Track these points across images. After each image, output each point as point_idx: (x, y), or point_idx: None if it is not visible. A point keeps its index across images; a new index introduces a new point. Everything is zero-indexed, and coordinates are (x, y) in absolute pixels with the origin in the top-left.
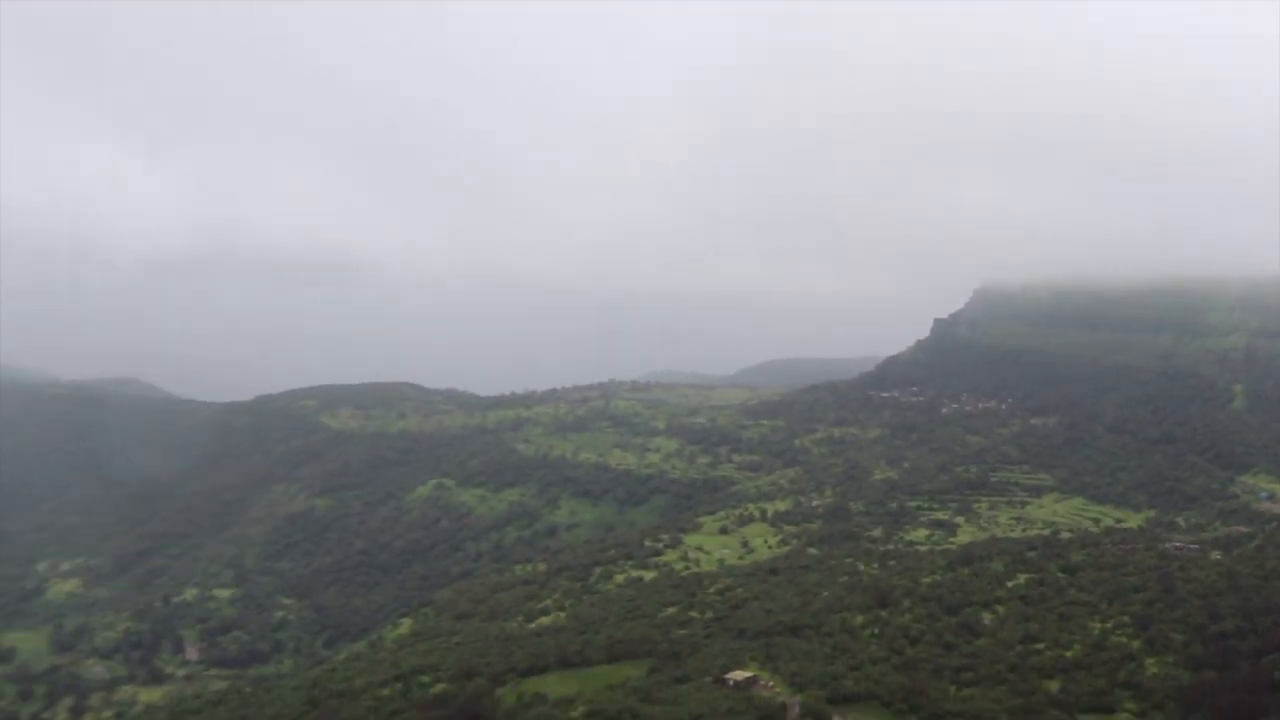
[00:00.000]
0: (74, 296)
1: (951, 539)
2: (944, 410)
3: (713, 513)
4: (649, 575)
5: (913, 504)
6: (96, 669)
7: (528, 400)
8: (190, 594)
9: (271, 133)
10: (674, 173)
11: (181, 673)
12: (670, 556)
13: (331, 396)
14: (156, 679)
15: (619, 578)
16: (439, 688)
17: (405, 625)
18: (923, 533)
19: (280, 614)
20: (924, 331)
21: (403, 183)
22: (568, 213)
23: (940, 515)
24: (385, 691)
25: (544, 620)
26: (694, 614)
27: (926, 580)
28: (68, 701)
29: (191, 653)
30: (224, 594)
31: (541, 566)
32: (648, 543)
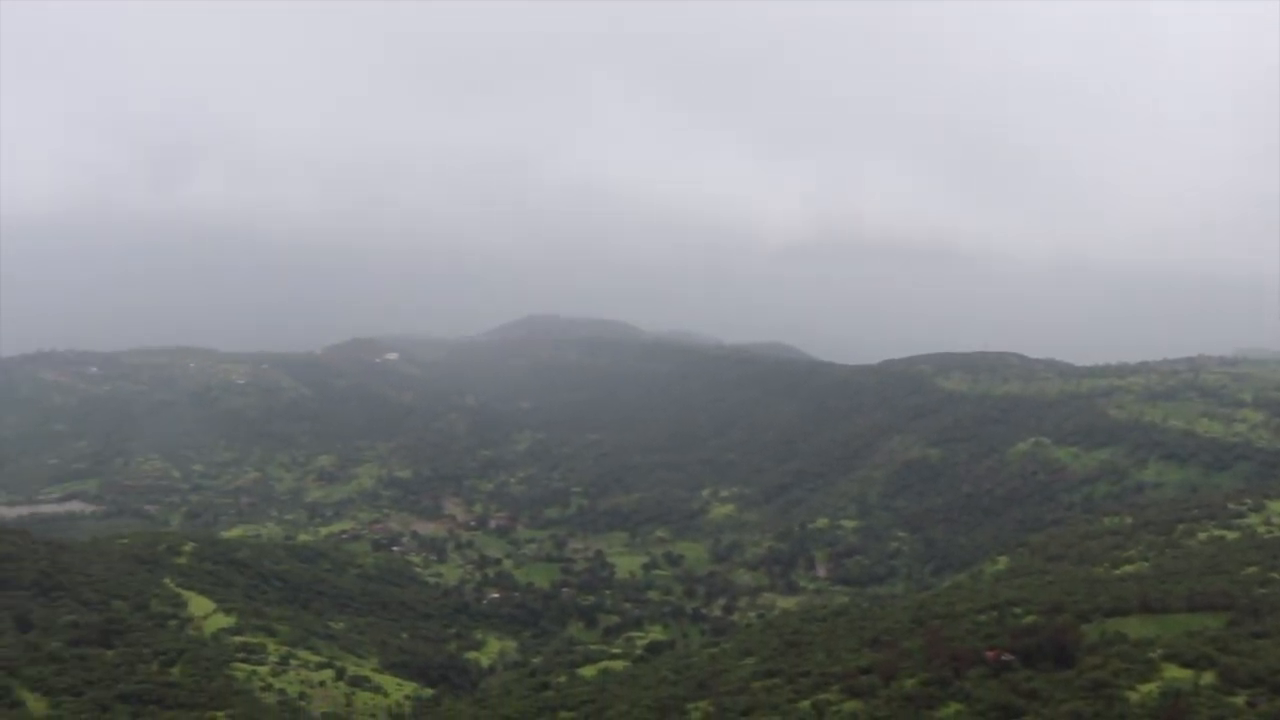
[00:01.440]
0: (730, 278)
1: None
2: None
3: None
4: (1231, 535)
5: None
6: (744, 577)
7: (1120, 371)
8: (822, 522)
9: (879, 137)
10: (1236, 157)
11: (812, 586)
12: (1253, 520)
13: (944, 362)
14: (791, 589)
15: (1201, 535)
16: (1029, 619)
17: (1002, 562)
18: None
19: (895, 544)
20: None
21: (991, 178)
22: (1141, 200)
23: None
24: (982, 618)
25: (1127, 568)
26: (1274, 575)
27: None
28: (721, 601)
29: (821, 571)
30: (849, 524)
31: (1128, 519)
32: (1231, 505)
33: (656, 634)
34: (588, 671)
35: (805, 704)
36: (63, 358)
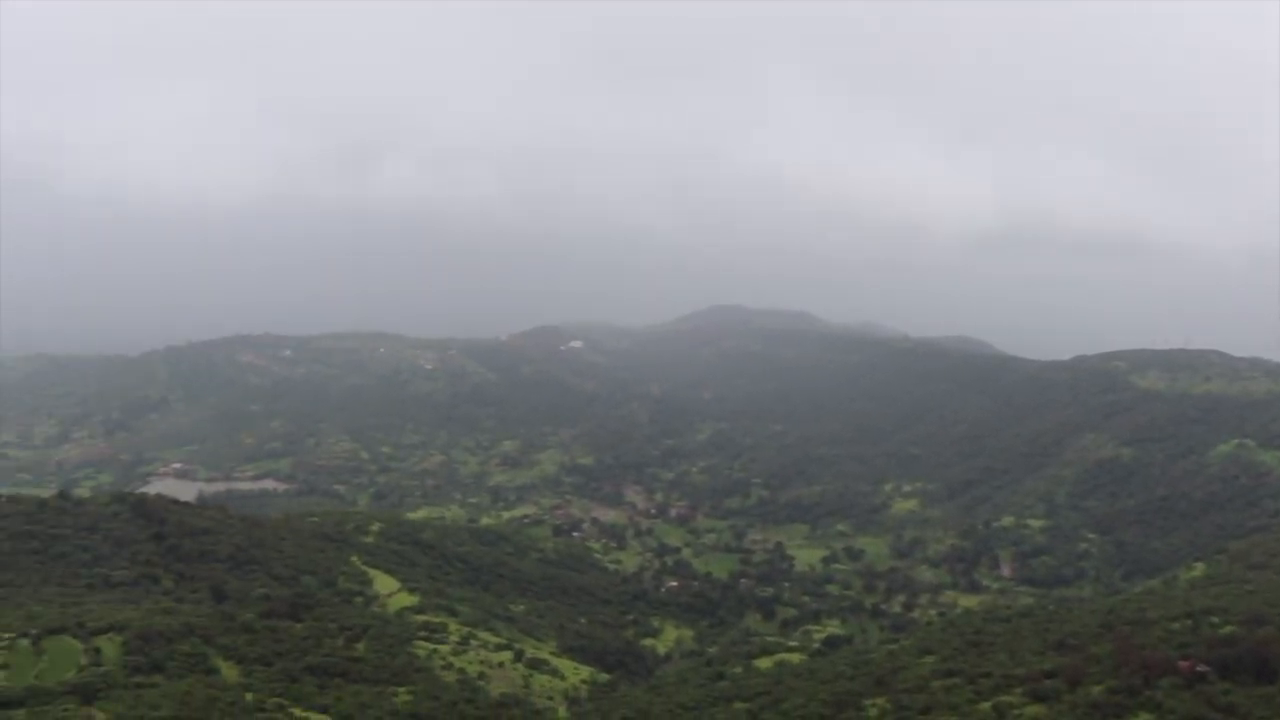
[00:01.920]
0: (915, 270)
1: None
2: None
3: None
4: None
5: None
6: (926, 574)
7: None
8: (1007, 521)
9: (1067, 125)
10: None
11: (995, 586)
12: None
13: (1140, 359)
14: (974, 588)
15: None
16: (1227, 629)
17: (1199, 569)
18: None
19: (1084, 545)
20: None
21: (1188, 167)
22: None
23: None
24: (1175, 626)
25: None
26: None
27: None
28: (901, 598)
29: (1005, 570)
30: (1036, 524)
31: None
32: None
33: (834, 628)
34: (764, 663)
35: (986, 706)
36: (259, 341)
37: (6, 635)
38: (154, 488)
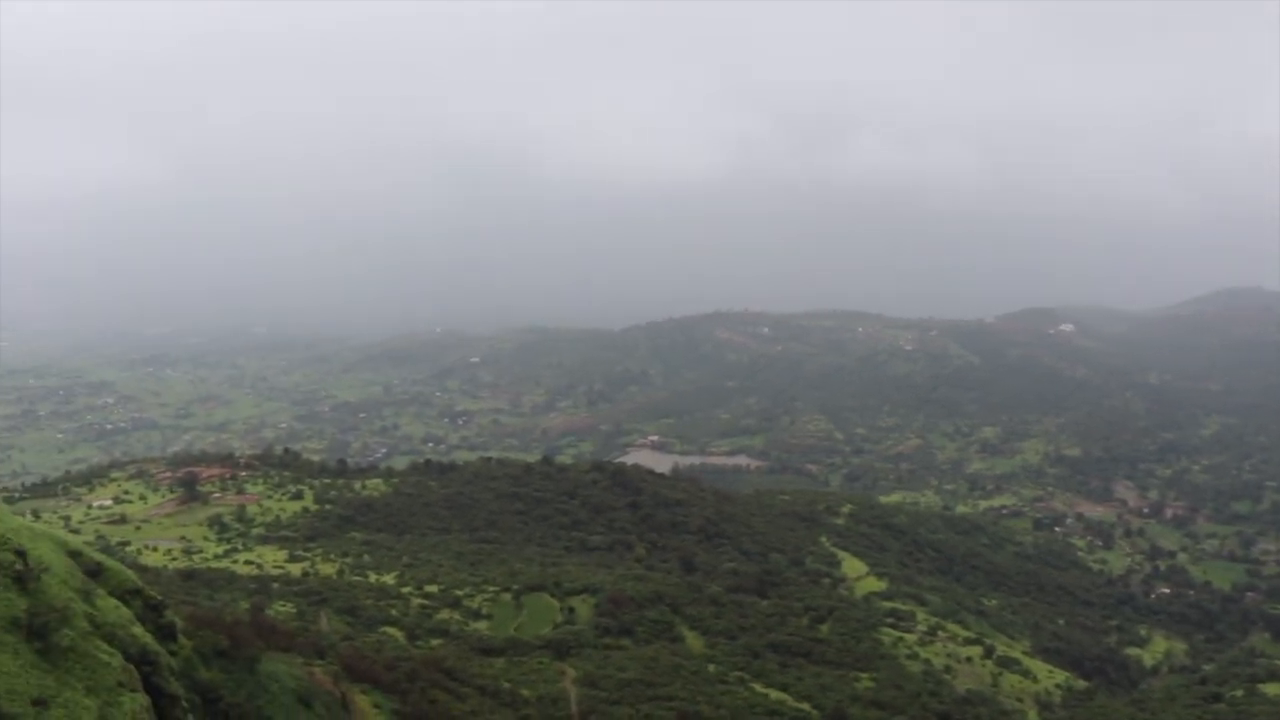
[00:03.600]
0: None
1: None
2: None
3: None
4: None
5: None
6: None
7: None
8: None
9: None
10: None
11: None
12: None
13: None
14: None
15: None
16: None
17: None
18: None
19: None
20: None
21: None
22: None
23: None
24: None
25: None
26: None
27: None
28: None
29: None
30: None
31: None
32: None
33: None
34: (1272, 689)
35: None
36: (737, 318)
37: (491, 589)
38: (631, 458)
